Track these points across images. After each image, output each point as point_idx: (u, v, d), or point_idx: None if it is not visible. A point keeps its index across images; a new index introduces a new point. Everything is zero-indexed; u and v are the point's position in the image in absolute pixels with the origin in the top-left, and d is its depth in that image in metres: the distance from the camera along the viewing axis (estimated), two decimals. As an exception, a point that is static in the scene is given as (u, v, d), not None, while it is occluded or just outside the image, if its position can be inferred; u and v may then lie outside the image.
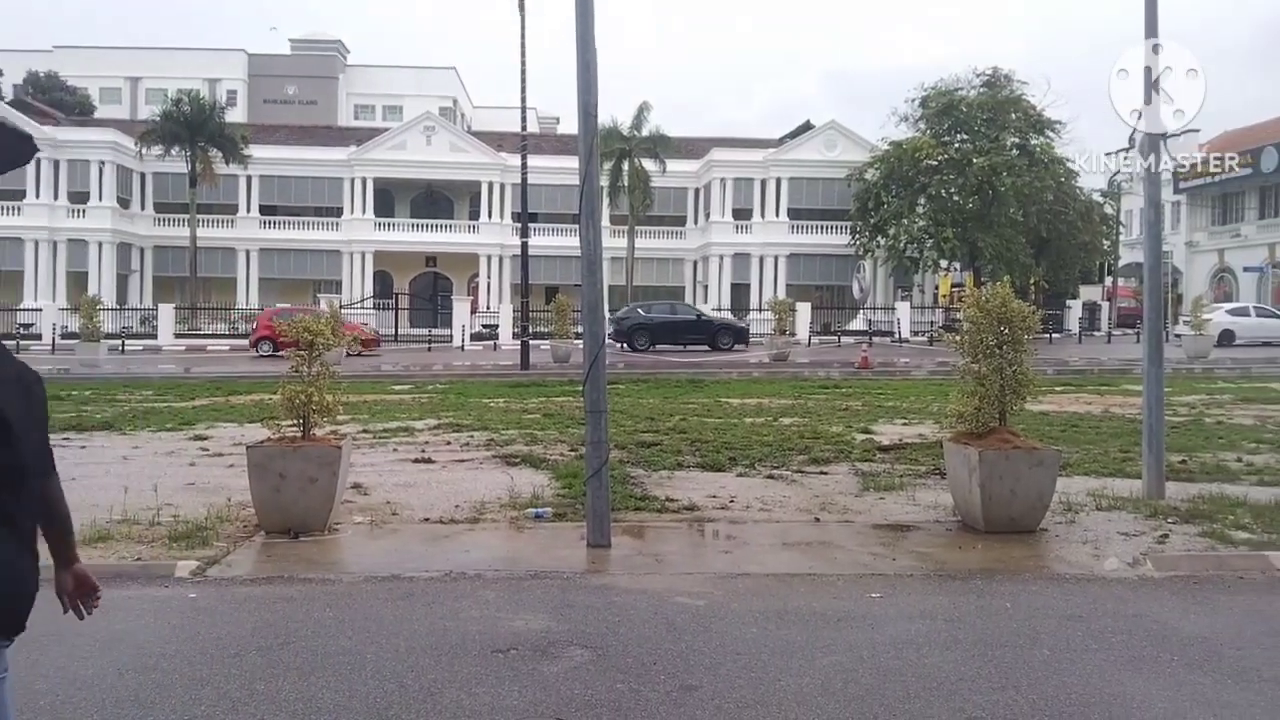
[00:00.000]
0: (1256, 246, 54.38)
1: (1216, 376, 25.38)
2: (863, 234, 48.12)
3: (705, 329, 36.29)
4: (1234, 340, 36.11)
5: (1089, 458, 11.34)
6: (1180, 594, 6.30)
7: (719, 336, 35.80)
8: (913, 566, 6.93)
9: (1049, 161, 44.57)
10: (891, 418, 15.79)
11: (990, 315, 8.10)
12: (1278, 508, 8.34)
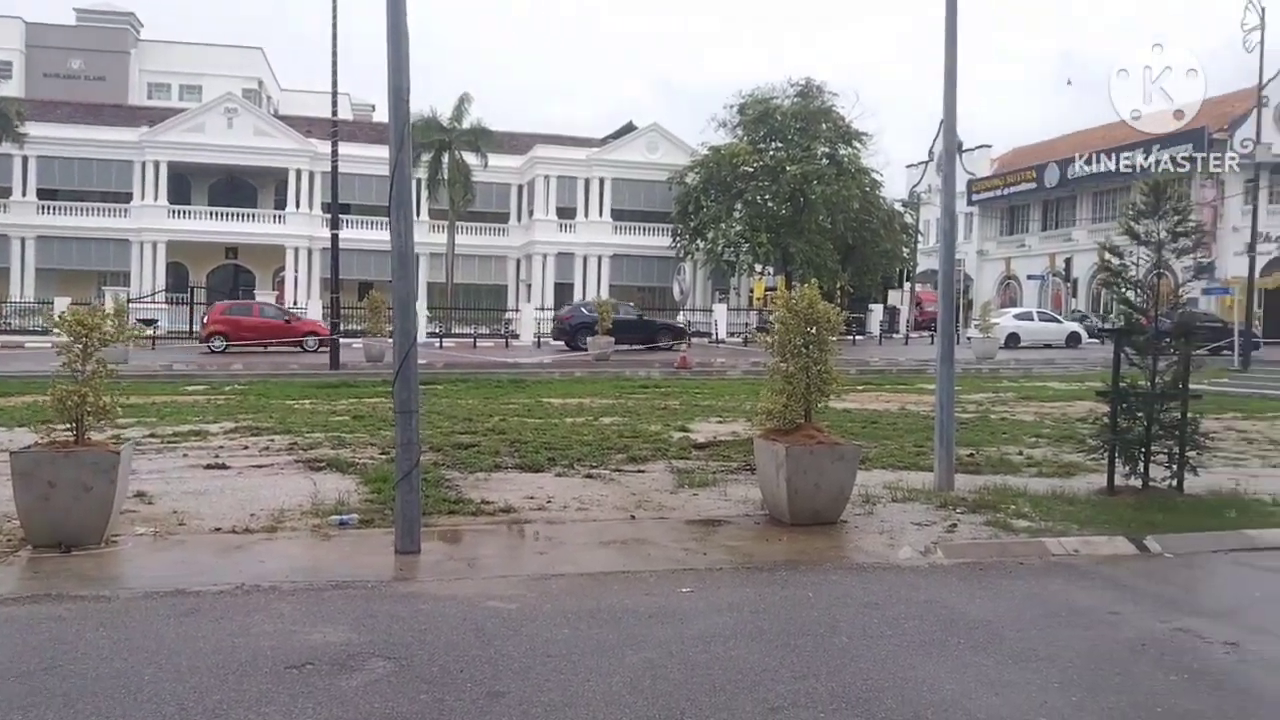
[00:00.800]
0: (1039, 256, 58.50)
1: (1002, 376, 27.16)
2: (683, 236, 49.03)
3: (647, 329, 37.16)
4: (1019, 342, 38.70)
5: (886, 452, 11.91)
6: (967, 580, 6.70)
7: (659, 336, 36.82)
8: (723, 560, 7.09)
9: (856, 171, 46.61)
10: (708, 416, 16.14)
11: (798, 316, 8.38)
12: (1054, 497, 8.98)
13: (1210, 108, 51.43)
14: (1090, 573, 6.92)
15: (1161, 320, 9.38)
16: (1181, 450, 8.91)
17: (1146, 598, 6.35)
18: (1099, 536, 7.69)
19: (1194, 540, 7.69)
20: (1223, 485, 9.36)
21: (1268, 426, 15.45)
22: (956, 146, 37.91)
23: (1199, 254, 11.15)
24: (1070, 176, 55.97)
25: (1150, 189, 9.31)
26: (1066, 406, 17.44)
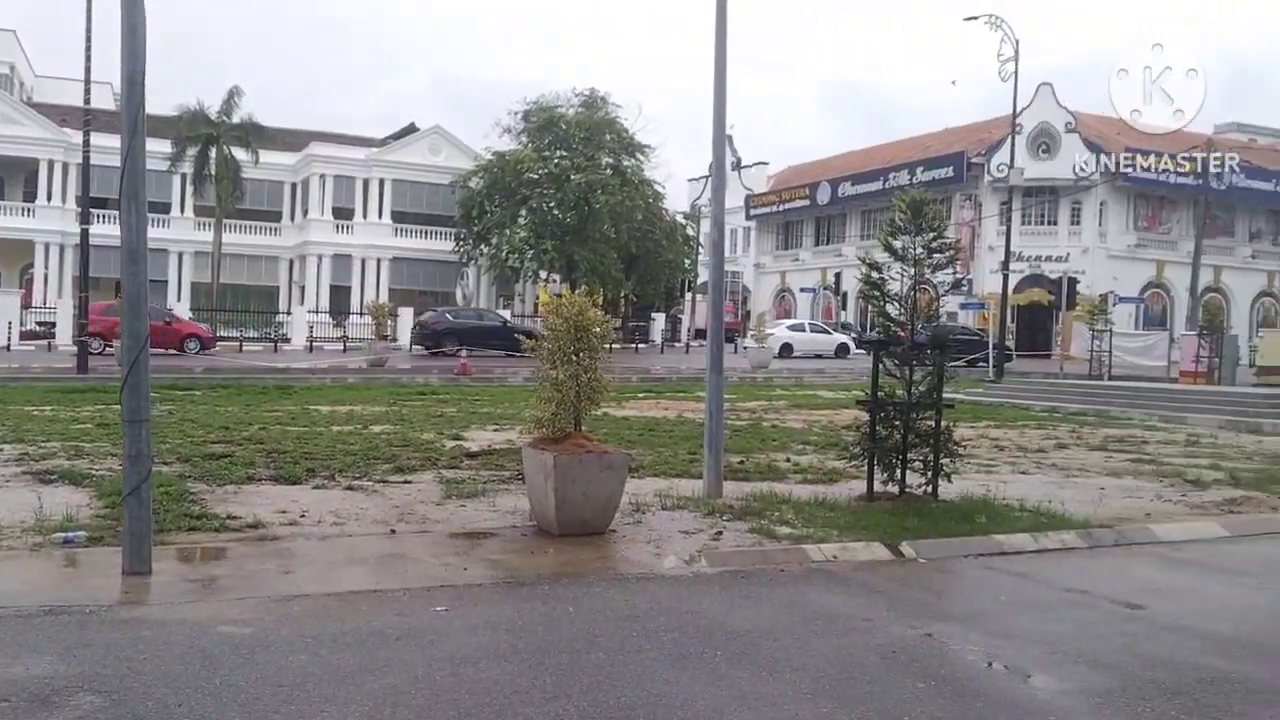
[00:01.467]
0: (812, 270, 61.29)
1: (775, 385, 28.11)
2: (467, 241, 48.27)
3: (509, 335, 36.69)
4: (792, 352, 40.25)
5: (661, 460, 11.92)
6: (729, 589, 6.66)
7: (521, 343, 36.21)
8: (484, 575, 6.78)
9: (639, 183, 47.26)
10: (484, 424, 15.78)
11: (569, 323, 8.18)
12: (817, 504, 9.16)
13: (969, 133, 55.65)
14: (847, 579, 7.04)
15: (919, 333, 9.74)
16: (936, 458, 9.27)
17: (899, 603, 6.48)
18: (857, 542, 7.86)
19: (946, 545, 7.98)
20: (975, 491, 9.82)
21: (1018, 434, 16.54)
22: (735, 163, 39.47)
23: (954, 269, 11.74)
24: (841, 195, 59.00)
25: (909, 206, 9.65)
26: (834, 414, 18.11)
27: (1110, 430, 17.63)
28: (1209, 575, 7.59)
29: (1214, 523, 9.44)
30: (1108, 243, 50.30)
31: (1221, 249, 52.09)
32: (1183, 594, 6.99)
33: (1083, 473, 12.39)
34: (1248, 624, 6.22)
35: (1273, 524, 9.56)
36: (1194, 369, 28.98)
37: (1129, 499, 10.49)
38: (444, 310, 40.01)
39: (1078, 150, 49.03)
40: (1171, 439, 16.57)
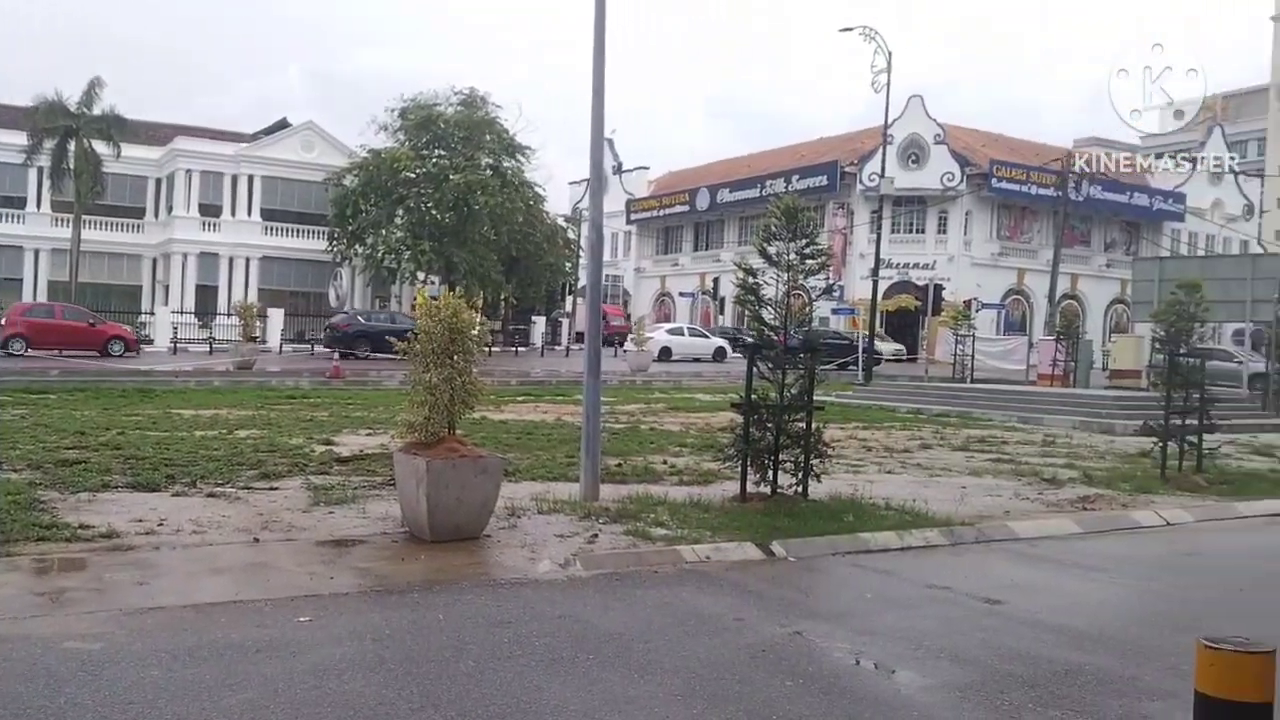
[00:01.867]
0: (691, 275, 61.96)
1: (654, 388, 28.28)
2: (341, 241, 47.11)
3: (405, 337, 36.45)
4: (671, 356, 40.57)
5: (538, 463, 11.84)
6: (603, 592, 6.64)
7: None
8: (351, 584, 6.59)
9: (520, 184, 46.92)
10: (357, 428, 15.42)
11: (442, 325, 8.05)
12: (692, 505, 9.23)
13: (842, 143, 57.11)
14: (720, 579, 7.10)
15: (793, 337, 9.92)
16: (806, 458, 9.44)
17: (770, 602, 6.57)
18: (730, 543, 7.94)
19: (815, 544, 8.13)
20: (843, 491, 10.04)
21: (885, 435, 17.00)
22: (616, 168, 39.40)
23: (827, 275, 11.98)
24: (720, 201, 59.82)
25: (783, 213, 9.82)
26: (710, 417, 18.30)
27: (972, 431, 18.28)
28: (1063, 571, 7.92)
29: (1068, 520, 9.87)
30: (972, 251, 52.27)
31: (1078, 258, 54.69)
32: (1039, 589, 7.27)
33: (946, 472, 12.81)
34: (1099, 618, 6.50)
35: (1123, 520, 10.05)
36: (1051, 372, 30.40)
37: (989, 497, 10.89)
38: (355, 312, 39.66)
39: (945, 162, 50.86)
40: (1029, 439, 17.27)
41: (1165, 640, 5.91)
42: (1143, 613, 6.69)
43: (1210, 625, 6.27)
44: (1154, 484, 11.94)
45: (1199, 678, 2.88)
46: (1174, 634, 6.04)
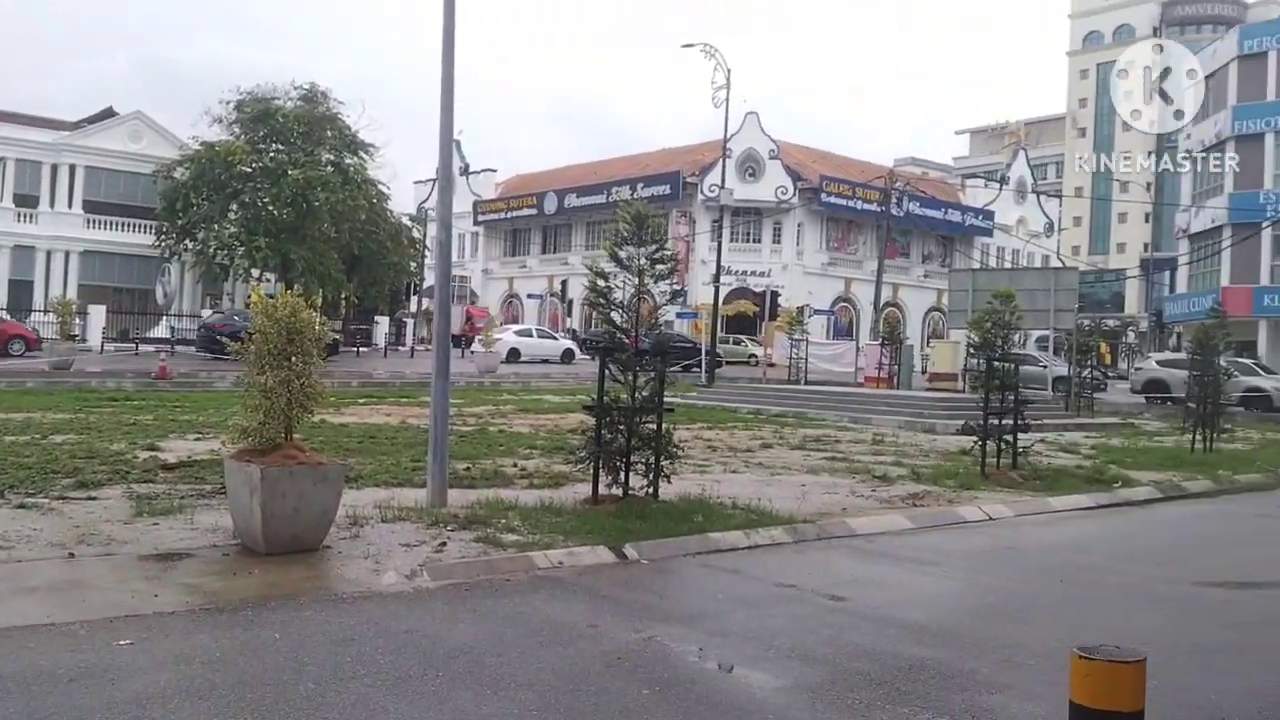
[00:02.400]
0: (539, 277, 61.82)
1: (503, 389, 27.97)
2: (170, 235, 44.72)
3: None
4: (519, 357, 40.26)
5: (382, 469, 11.46)
6: (452, 603, 6.44)
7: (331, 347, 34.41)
8: (178, 602, 6.17)
9: (363, 181, 45.63)
10: (185, 432, 14.62)
11: (279, 325, 7.67)
12: (543, 509, 9.09)
13: (684, 154, 58.11)
14: (573, 585, 7.00)
15: (642, 340, 9.92)
16: (657, 460, 9.45)
17: (623, 607, 6.51)
18: (582, 547, 7.85)
19: (667, 545, 8.13)
20: (692, 491, 10.09)
21: (728, 435, 17.25)
22: (463, 169, 38.95)
23: (674, 280, 12.05)
24: (567, 206, 59.93)
25: (633, 218, 9.81)
26: (560, 418, 18.19)
27: (808, 431, 18.77)
28: (900, 566, 8.17)
29: (901, 516, 10.21)
30: (804, 260, 54.20)
31: (899, 269, 57.41)
32: (879, 584, 7.47)
33: (786, 471, 13.08)
34: (936, 611, 6.71)
35: (950, 516, 10.46)
36: (877, 375, 31.65)
37: (827, 495, 11.17)
38: (232, 312, 38.00)
39: (779, 176, 52.53)
40: (860, 438, 17.86)
41: (998, 632, 6.14)
42: (975, 605, 6.94)
43: (1037, 616, 6.59)
44: (975, 481, 12.49)
45: (1074, 689, 2.91)
46: (1005, 626, 6.29)
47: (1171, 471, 14.47)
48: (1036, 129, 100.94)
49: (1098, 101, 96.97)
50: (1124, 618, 6.58)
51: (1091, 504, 11.88)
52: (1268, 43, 44.39)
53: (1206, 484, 13.81)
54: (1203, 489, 13.54)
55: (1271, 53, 43.76)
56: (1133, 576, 7.94)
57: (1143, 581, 7.75)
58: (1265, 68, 43.87)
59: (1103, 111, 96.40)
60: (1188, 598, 7.22)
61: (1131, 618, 6.58)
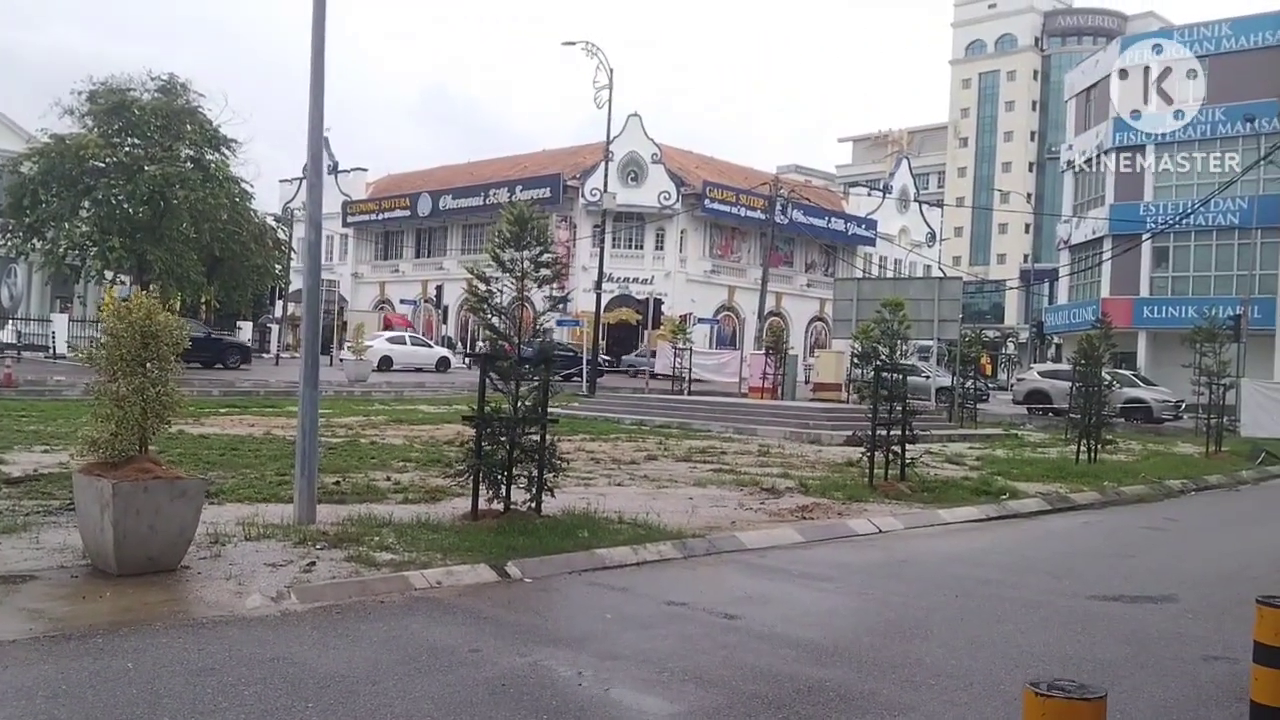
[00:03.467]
0: (413, 282, 60.41)
1: (375, 399, 27.13)
2: (16, 234, 42.04)
3: (214, 347, 36.07)
4: (392, 365, 39.26)
5: (246, 483, 10.83)
6: (322, 628, 5.99)
7: (226, 354, 36.24)
8: (19, 629, 5.58)
9: (225, 179, 43.80)
10: (31, 444, 13.61)
11: (134, 329, 7.08)
12: (420, 526, 8.67)
13: (565, 157, 57.72)
14: (453, 606, 6.63)
15: (524, 347, 9.61)
16: (540, 473, 9.14)
17: (506, 629, 6.17)
18: (462, 565, 7.47)
19: (551, 563, 7.82)
20: (577, 505, 9.81)
21: (612, 447, 17.02)
22: (332, 167, 37.82)
23: (557, 285, 11.78)
24: (442, 208, 58.76)
25: (516, 220, 9.49)
26: (435, 429, 17.66)
27: (694, 442, 18.69)
28: (793, 581, 8.04)
29: (791, 529, 10.13)
30: (688, 268, 54.35)
31: (783, 277, 58.07)
32: (772, 601, 7.31)
33: (673, 483, 12.91)
34: (831, 629, 6.59)
35: (840, 529, 10.44)
36: (762, 385, 31.94)
37: (716, 508, 11.03)
38: None
39: (662, 181, 52.58)
40: (746, 449, 17.87)
41: (896, 650, 6.04)
42: (871, 622, 6.84)
43: (935, 633, 6.51)
44: (864, 492, 12.55)
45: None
46: (903, 643, 6.20)
47: (1057, 483, 14.83)
48: (919, 138, 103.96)
49: (979, 111, 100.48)
50: (1024, 634, 6.56)
51: (981, 516, 12.04)
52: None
53: (1093, 495, 14.18)
54: (1089, 500, 13.89)
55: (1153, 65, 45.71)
56: (1029, 590, 7.98)
57: (1039, 595, 7.79)
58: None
59: (984, 121, 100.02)
60: (1085, 612, 7.27)
61: (1032, 634, 6.57)
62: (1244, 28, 43.40)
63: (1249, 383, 28.02)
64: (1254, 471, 18.87)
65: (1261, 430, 25.22)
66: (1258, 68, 41.72)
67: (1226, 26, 43.93)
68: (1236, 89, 42.12)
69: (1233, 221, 42.35)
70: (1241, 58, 42.98)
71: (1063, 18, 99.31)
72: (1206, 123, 43.68)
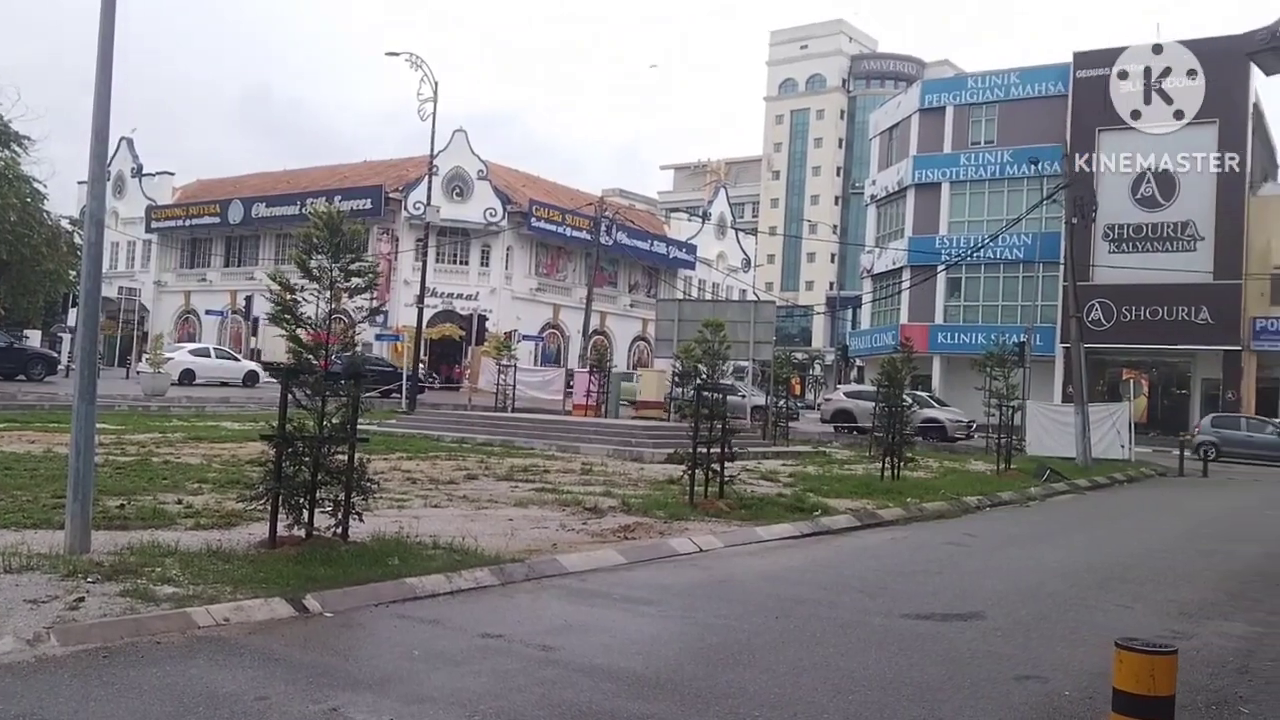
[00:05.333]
0: (221, 292, 57.40)
1: (173, 414, 25.41)
2: None
3: (17, 357, 34.10)
4: (194, 379, 37.04)
5: (15, 507, 9.78)
6: (84, 675, 5.26)
7: (30, 365, 34.01)
8: None
9: (14, 179, 40.51)
10: None
11: None
12: (210, 555, 7.92)
13: (388, 169, 56.25)
14: (241, 646, 5.98)
15: (334, 362, 8.99)
16: (347, 496, 8.52)
17: (301, 672, 5.58)
18: (254, 600, 6.80)
19: (356, 594, 7.24)
20: (388, 530, 9.22)
21: (430, 466, 16.35)
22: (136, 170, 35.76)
23: (373, 296, 11.16)
24: (255, 215, 56.18)
25: (326, 224, 8.87)
26: (238, 448, 16.56)
27: (516, 460, 18.22)
28: (614, 607, 7.72)
29: (613, 550, 9.84)
30: (513, 285, 53.86)
31: (607, 297, 58.35)
32: (593, 629, 6.97)
33: (493, 504, 12.45)
34: (654, 657, 6.29)
35: (662, 549, 10.22)
36: (586, 403, 31.74)
37: (537, 530, 10.65)
38: None
39: (488, 197, 51.93)
40: (570, 468, 17.54)
41: (720, 679, 5.79)
42: (695, 648, 6.58)
43: (758, 658, 6.30)
44: (685, 510, 12.43)
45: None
46: (727, 671, 5.96)
47: (865, 499, 15.11)
48: (736, 169, 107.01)
49: (791, 146, 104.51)
50: (844, 656, 6.43)
51: (796, 533, 12.07)
52: (945, 98, 49.42)
53: (898, 511, 14.49)
54: (895, 516, 14.19)
55: (949, 108, 48.68)
56: (845, 610, 7.92)
57: (856, 615, 7.73)
58: (943, 121, 48.73)
59: (795, 156, 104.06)
60: (901, 632, 7.23)
61: (852, 657, 6.45)
62: (1030, 77, 46.62)
63: (1034, 405, 29.63)
64: (1041, 488, 19.87)
65: (1045, 449, 26.66)
66: (1042, 115, 44.83)
67: (1015, 75, 47.13)
68: (1023, 133, 45.20)
69: (1018, 256, 45.43)
70: (1028, 105, 46.16)
71: (867, 62, 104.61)
72: (996, 164, 46.76)
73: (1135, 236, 42.40)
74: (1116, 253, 42.49)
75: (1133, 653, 3.73)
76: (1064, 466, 23.50)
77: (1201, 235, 41.27)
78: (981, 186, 47.33)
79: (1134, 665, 3.71)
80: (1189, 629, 7.79)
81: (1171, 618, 8.23)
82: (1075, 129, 42.40)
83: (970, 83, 49.68)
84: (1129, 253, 42.22)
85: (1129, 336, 41.26)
